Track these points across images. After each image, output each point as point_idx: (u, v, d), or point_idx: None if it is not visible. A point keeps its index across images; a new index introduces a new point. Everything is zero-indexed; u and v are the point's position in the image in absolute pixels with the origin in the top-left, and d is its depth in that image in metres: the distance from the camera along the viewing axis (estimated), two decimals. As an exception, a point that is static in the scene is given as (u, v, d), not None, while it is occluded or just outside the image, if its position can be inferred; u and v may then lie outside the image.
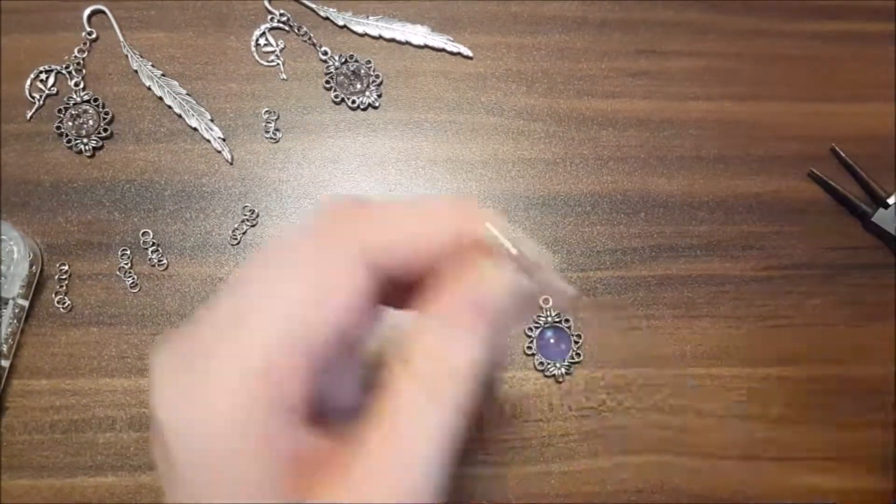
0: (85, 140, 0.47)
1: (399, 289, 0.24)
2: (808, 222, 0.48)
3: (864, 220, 0.48)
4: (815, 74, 0.51)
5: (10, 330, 0.43)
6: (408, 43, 0.50)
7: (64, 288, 0.45)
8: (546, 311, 0.46)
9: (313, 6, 0.50)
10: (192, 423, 0.21)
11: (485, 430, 0.44)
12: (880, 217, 0.47)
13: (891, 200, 0.47)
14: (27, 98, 0.48)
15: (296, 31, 0.50)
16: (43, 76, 0.49)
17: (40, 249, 0.46)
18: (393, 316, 0.26)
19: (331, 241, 0.23)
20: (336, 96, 0.49)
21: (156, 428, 0.21)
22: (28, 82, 0.48)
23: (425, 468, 0.22)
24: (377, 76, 0.49)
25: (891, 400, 0.45)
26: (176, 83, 0.49)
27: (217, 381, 0.21)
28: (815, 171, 0.49)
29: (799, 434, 0.45)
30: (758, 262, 0.47)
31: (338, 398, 0.25)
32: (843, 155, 0.49)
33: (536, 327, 0.45)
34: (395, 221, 0.23)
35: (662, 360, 0.45)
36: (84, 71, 0.49)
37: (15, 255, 0.43)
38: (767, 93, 0.50)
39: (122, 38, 0.49)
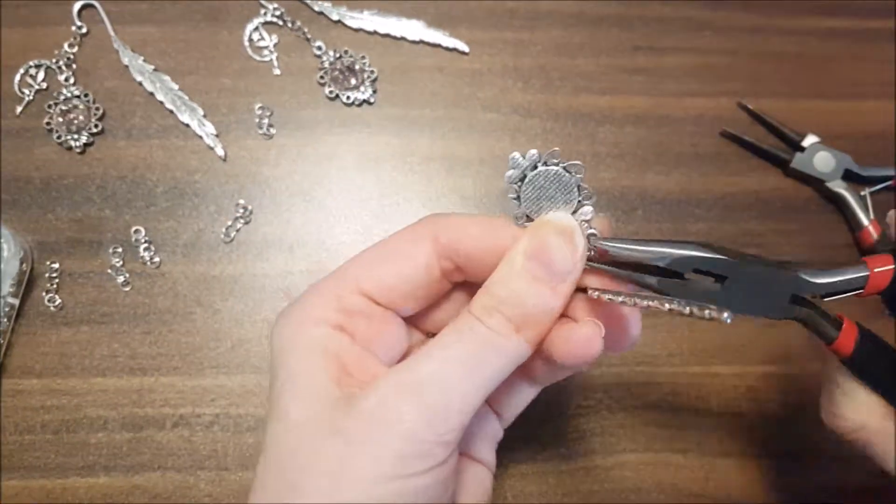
0: (75, 136, 0.47)
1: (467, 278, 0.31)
2: (806, 219, 0.48)
3: (785, 167, 0.49)
4: (812, 71, 0.51)
5: (0, 329, 0.43)
6: (403, 38, 0.50)
7: (54, 286, 0.45)
8: None
9: (307, 0, 0.50)
10: (288, 320, 0.29)
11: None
12: (799, 161, 0.48)
13: (805, 143, 0.48)
14: (16, 93, 0.47)
15: (289, 25, 0.50)
16: (32, 71, 0.48)
17: (30, 247, 0.45)
18: None
19: (413, 225, 0.30)
20: (330, 92, 0.48)
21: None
22: (17, 77, 0.48)
23: (463, 375, 0.27)
24: (372, 72, 0.49)
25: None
26: (168, 78, 0.48)
27: (309, 300, 0.30)
28: (727, 129, 0.49)
29: (797, 432, 0.45)
30: (755, 260, 0.47)
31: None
32: (752, 108, 0.50)
33: None
34: (465, 224, 0.29)
35: (660, 358, 0.45)
36: (74, 66, 0.48)
37: (5, 253, 0.43)
38: (765, 89, 0.50)
39: (112, 33, 0.49)
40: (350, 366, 0.28)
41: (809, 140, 0.48)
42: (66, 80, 0.48)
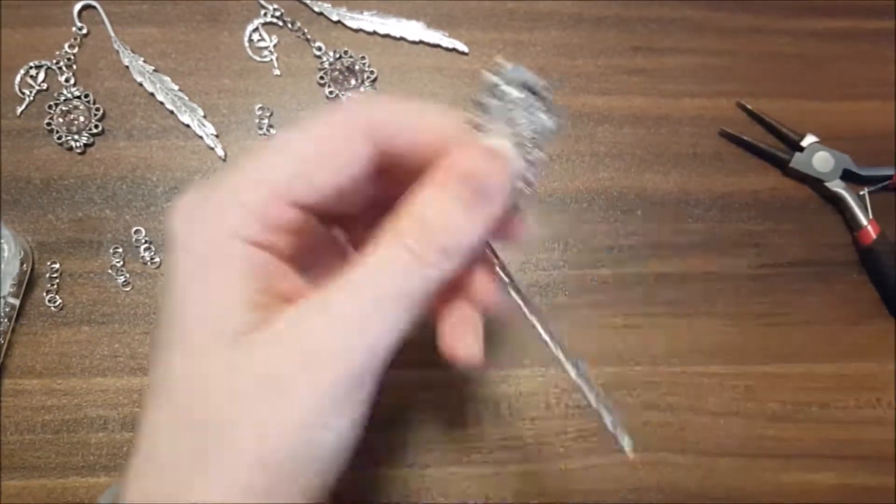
0: (76, 136, 0.47)
1: (397, 177, 0.27)
2: (805, 219, 0.48)
3: (784, 167, 0.49)
4: (812, 72, 0.51)
5: (0, 329, 0.43)
6: (403, 39, 0.50)
7: (55, 286, 0.45)
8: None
9: (307, 1, 0.50)
10: (197, 230, 0.25)
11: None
12: (798, 161, 0.48)
13: (804, 143, 0.48)
14: (17, 94, 0.48)
15: (289, 26, 0.50)
16: (33, 72, 0.48)
17: (31, 247, 0.45)
18: None
19: (341, 114, 0.26)
20: (330, 92, 0.49)
21: (169, 240, 0.25)
22: (18, 78, 0.48)
23: (385, 315, 0.24)
24: (372, 72, 0.49)
25: (888, 397, 0.45)
26: (168, 79, 0.48)
27: (223, 206, 0.25)
28: (726, 129, 0.49)
29: (796, 431, 0.45)
30: (754, 260, 0.47)
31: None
32: (751, 108, 0.50)
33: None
34: (400, 109, 0.27)
35: (659, 357, 0.45)
36: (75, 66, 0.48)
37: (5, 254, 0.43)
38: (763, 90, 0.50)
39: (112, 34, 0.49)
40: (280, 290, 0.25)
41: (808, 140, 0.48)
42: (67, 80, 0.48)
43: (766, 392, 0.45)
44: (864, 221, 0.47)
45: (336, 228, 0.31)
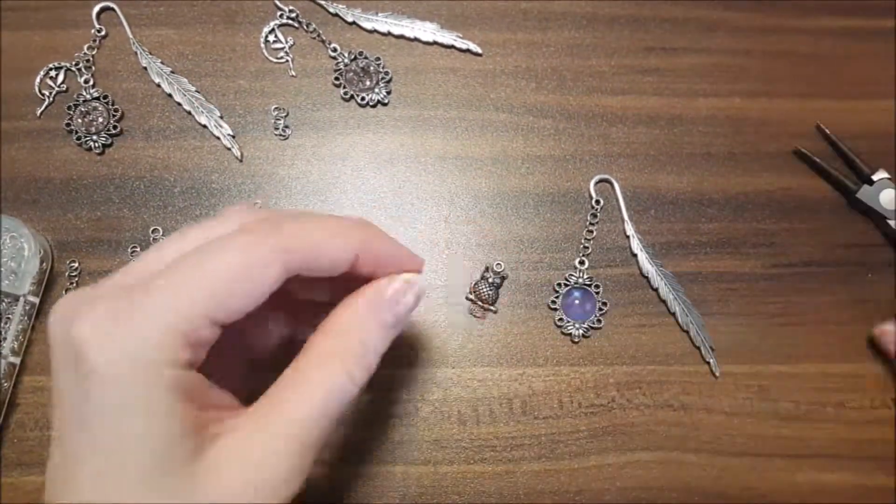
0: (94, 137, 0.47)
1: (305, 285, 0.31)
2: (820, 219, 0.48)
3: (849, 196, 0.48)
4: (825, 71, 0.51)
5: (20, 327, 0.43)
6: (417, 40, 0.50)
7: (74, 285, 0.45)
8: (579, 272, 0.46)
9: (322, 3, 0.50)
10: (121, 354, 0.25)
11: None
12: (864, 193, 0.48)
13: (875, 177, 0.48)
14: (37, 95, 0.48)
15: (305, 27, 0.50)
16: (52, 73, 0.49)
17: (51, 246, 0.46)
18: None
19: (256, 243, 0.27)
20: (345, 93, 0.49)
21: (70, 348, 0.25)
22: (38, 79, 0.48)
23: (322, 414, 0.27)
24: (386, 73, 0.49)
25: (902, 397, 0.45)
26: (185, 80, 0.49)
27: (146, 328, 0.25)
28: (801, 148, 0.49)
29: (810, 431, 0.45)
30: (768, 260, 0.47)
31: (233, 374, 0.31)
32: (829, 132, 0.49)
33: (565, 285, 0.46)
34: (310, 235, 0.29)
35: (672, 357, 0.45)
36: (93, 68, 0.49)
37: (26, 252, 0.44)
38: (777, 89, 0.50)
39: (131, 35, 0.49)
40: (206, 404, 0.27)
41: (879, 175, 0.48)
42: (86, 82, 0.48)
43: (780, 392, 0.45)
44: None
45: None
